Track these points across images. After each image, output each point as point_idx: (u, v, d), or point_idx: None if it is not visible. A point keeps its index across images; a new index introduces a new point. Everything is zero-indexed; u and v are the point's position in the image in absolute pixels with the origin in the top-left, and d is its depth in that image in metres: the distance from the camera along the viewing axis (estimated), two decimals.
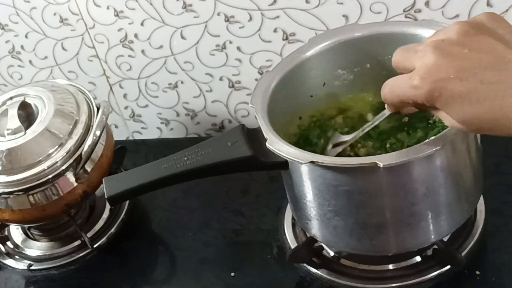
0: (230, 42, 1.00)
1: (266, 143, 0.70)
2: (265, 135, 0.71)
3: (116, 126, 1.18)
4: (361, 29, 0.81)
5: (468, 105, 0.53)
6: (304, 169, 0.72)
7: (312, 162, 0.67)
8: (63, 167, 0.91)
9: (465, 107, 0.53)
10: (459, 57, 0.53)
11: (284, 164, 0.74)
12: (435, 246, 0.82)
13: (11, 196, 0.92)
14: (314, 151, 0.77)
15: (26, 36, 1.09)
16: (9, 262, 1.02)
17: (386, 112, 0.66)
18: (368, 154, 0.79)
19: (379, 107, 0.80)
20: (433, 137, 0.66)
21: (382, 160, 0.64)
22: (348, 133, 0.79)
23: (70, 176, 0.93)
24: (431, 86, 0.54)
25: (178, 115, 1.14)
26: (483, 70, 0.52)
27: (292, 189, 0.77)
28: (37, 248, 1.03)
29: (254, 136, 0.75)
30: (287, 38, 0.97)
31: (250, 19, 0.97)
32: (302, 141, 0.82)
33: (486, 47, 0.53)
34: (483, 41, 0.54)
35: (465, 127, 0.55)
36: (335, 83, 0.84)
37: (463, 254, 0.82)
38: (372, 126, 0.72)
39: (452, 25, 0.56)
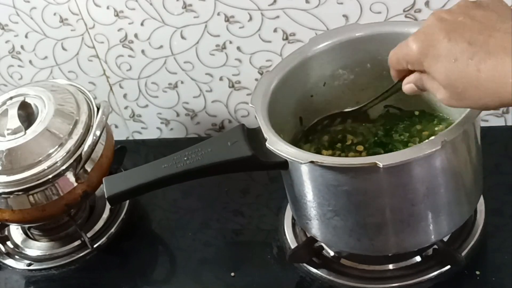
0: (230, 42, 1.00)
1: (266, 143, 0.70)
2: (265, 135, 0.71)
3: (116, 126, 1.18)
4: (362, 29, 0.81)
5: (453, 63, 0.55)
6: (304, 169, 0.72)
7: (312, 162, 0.67)
8: (63, 167, 0.91)
9: (449, 65, 0.55)
10: (452, 22, 0.57)
11: (284, 164, 0.74)
12: (435, 246, 0.82)
13: (11, 196, 0.92)
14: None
15: (26, 36, 1.09)
16: (9, 262, 1.02)
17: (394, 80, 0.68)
18: None
19: None
20: (432, 137, 0.66)
21: (382, 160, 0.64)
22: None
23: (70, 176, 0.92)
24: (420, 45, 0.58)
25: (178, 115, 1.14)
26: (472, 33, 0.55)
27: (292, 189, 0.77)
28: (37, 248, 1.03)
29: (254, 136, 0.75)
30: (287, 38, 0.97)
31: (250, 19, 0.97)
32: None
33: (480, 17, 0.56)
34: (479, 12, 0.57)
35: (449, 93, 0.57)
36: (336, 83, 0.84)
37: (463, 254, 0.82)
38: (379, 96, 0.74)
39: (457, 2, 0.59)
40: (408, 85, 0.65)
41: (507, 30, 0.54)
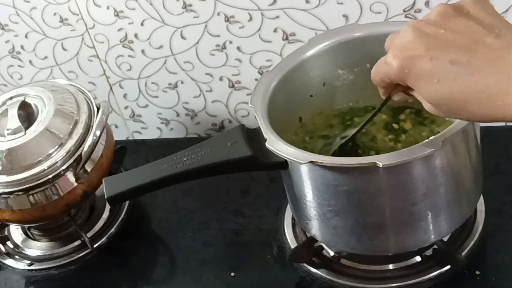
0: (230, 42, 1.00)
1: (266, 143, 0.70)
2: (265, 136, 0.71)
3: (116, 126, 1.18)
4: (361, 29, 0.81)
5: (436, 84, 0.52)
6: (304, 169, 0.72)
7: (311, 162, 0.67)
8: (63, 167, 0.91)
9: (433, 85, 0.53)
10: (432, 36, 0.53)
11: (283, 164, 0.74)
12: (435, 246, 0.82)
13: (11, 196, 0.92)
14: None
15: (26, 36, 1.09)
16: (9, 262, 1.02)
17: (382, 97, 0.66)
18: None
19: None
20: (432, 137, 0.66)
21: (382, 160, 0.64)
22: None
23: (70, 176, 0.92)
24: (401, 63, 0.55)
25: (178, 115, 1.14)
26: (454, 51, 0.52)
27: (292, 189, 0.78)
28: (37, 248, 1.03)
29: (254, 136, 0.75)
30: (287, 38, 0.97)
31: (250, 19, 0.97)
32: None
33: (462, 29, 0.53)
34: (461, 23, 0.53)
35: (436, 109, 0.55)
36: (335, 83, 0.84)
37: (463, 254, 0.82)
38: (372, 115, 0.73)
39: (436, 7, 0.56)
40: (397, 95, 0.63)
41: (491, 45, 0.51)
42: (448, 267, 0.82)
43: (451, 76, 0.51)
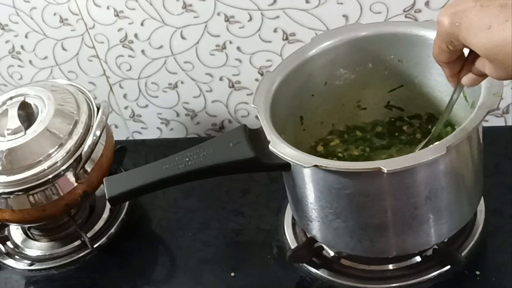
0: (230, 42, 1.00)
1: (269, 146, 0.70)
2: (268, 137, 0.71)
3: (116, 126, 1.18)
4: (363, 29, 0.81)
5: (488, 30, 0.53)
6: (307, 172, 0.72)
7: (315, 166, 0.66)
8: (63, 167, 0.91)
9: (484, 33, 0.53)
10: None
11: (286, 166, 0.73)
12: (435, 247, 0.82)
13: (11, 196, 0.92)
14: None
15: (26, 36, 1.09)
16: (9, 262, 1.02)
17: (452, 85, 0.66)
18: None
19: None
20: (437, 143, 0.66)
21: (387, 165, 0.64)
22: None
23: (70, 176, 0.92)
24: (451, 17, 0.55)
25: (178, 115, 1.14)
26: None
27: (293, 191, 0.77)
28: (37, 248, 1.03)
29: (256, 136, 0.75)
30: (287, 38, 0.97)
31: (250, 19, 0.97)
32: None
33: None
34: None
35: (493, 64, 0.55)
36: (337, 82, 0.84)
37: (463, 254, 0.82)
38: (448, 107, 0.71)
39: None
40: (466, 78, 0.63)
41: None
42: (448, 267, 0.82)
43: (502, 19, 0.52)
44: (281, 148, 0.69)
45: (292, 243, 0.90)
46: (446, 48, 0.59)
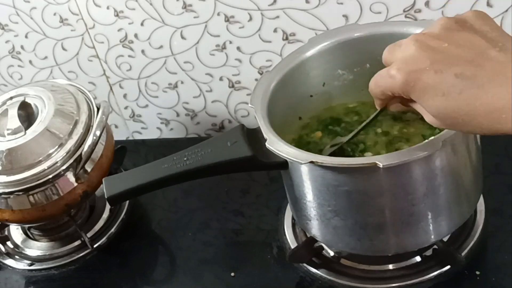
0: (230, 42, 1.00)
1: (266, 144, 0.70)
2: (265, 136, 0.71)
3: (116, 126, 1.18)
4: (361, 29, 0.81)
5: (441, 97, 0.52)
6: (304, 169, 0.72)
7: (311, 162, 0.67)
8: (63, 167, 0.91)
9: (438, 99, 0.52)
10: (437, 50, 0.53)
11: (284, 164, 0.74)
12: (435, 246, 0.82)
13: (11, 196, 0.92)
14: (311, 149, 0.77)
15: (26, 36, 1.09)
16: (9, 262, 1.02)
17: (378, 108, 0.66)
18: None
19: None
20: (432, 138, 0.66)
21: (382, 160, 0.64)
22: None
23: (70, 176, 0.92)
24: (406, 76, 0.54)
25: (178, 115, 1.14)
26: (459, 64, 0.51)
27: (292, 189, 0.77)
28: (37, 248, 1.03)
29: (254, 136, 0.75)
30: (287, 38, 0.97)
31: (250, 19, 0.97)
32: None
33: (466, 43, 0.53)
34: (464, 37, 0.53)
35: (440, 122, 0.55)
36: (335, 83, 0.84)
37: (463, 254, 0.82)
38: (365, 124, 0.72)
39: (437, 20, 0.56)
40: (394, 106, 0.62)
41: (495, 58, 0.50)
42: (448, 267, 0.82)
43: (457, 90, 0.51)
44: (277, 146, 0.69)
45: (292, 243, 0.90)
46: (389, 93, 0.58)
